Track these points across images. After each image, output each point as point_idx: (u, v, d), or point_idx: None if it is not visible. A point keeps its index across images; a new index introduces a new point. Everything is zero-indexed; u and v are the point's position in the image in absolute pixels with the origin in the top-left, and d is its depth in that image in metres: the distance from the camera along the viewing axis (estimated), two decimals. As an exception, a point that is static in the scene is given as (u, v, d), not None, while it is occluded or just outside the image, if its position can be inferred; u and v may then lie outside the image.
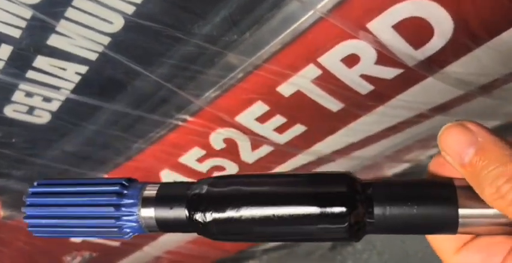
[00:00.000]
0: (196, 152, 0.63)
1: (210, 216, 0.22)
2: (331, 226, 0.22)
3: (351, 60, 0.50)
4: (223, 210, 0.22)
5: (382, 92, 0.55)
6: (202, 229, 0.23)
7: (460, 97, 0.60)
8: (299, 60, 0.51)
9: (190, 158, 0.64)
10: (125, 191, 0.23)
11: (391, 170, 0.94)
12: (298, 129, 0.60)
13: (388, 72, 0.52)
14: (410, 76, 0.53)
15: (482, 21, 0.46)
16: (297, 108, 0.57)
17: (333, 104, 0.57)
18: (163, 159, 0.65)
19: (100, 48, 0.49)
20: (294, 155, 0.66)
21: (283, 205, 0.22)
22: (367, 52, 0.49)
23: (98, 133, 0.60)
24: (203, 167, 0.66)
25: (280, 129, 0.60)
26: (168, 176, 0.67)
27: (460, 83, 0.55)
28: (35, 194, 0.25)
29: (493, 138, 0.21)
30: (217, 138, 0.61)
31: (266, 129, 0.60)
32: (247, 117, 0.58)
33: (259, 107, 0.57)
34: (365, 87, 0.54)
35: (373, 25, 0.46)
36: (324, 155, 0.68)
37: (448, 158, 0.22)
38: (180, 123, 0.59)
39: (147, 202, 0.23)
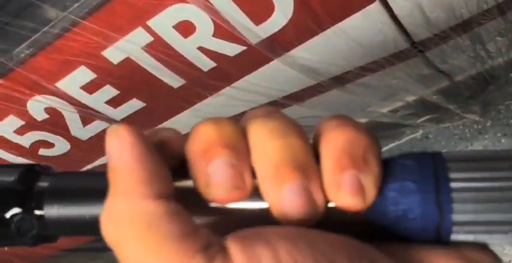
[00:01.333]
0: (13, 121, 0.54)
1: None
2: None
3: (185, 28, 0.44)
4: None
5: (226, 70, 0.50)
6: None
7: (312, 87, 0.57)
8: (125, 21, 0.44)
9: (6, 128, 0.55)
10: None
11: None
12: (136, 104, 0.54)
13: (229, 48, 0.47)
14: (255, 56, 0.49)
15: (323, 2, 0.43)
16: (130, 79, 0.50)
17: (172, 79, 0.50)
18: (-29, 126, 0.54)
19: None
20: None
21: None
22: (202, 21, 0.44)
23: None
24: (25, 141, 0.57)
25: (114, 102, 0.53)
26: (-18, 148, 0.57)
27: (308, 71, 0.52)
28: None
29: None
30: (36, 106, 0.52)
31: (96, 101, 0.52)
32: (71, 84, 0.50)
33: (84, 73, 0.49)
34: (206, 63, 0.49)
35: (207, -11, 0.41)
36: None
37: None
38: (-13, 84, 0.49)
39: None
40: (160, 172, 0.16)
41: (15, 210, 0.18)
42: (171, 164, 0.17)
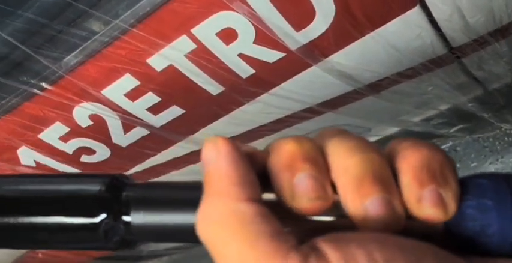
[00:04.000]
0: (58, 128, 0.56)
1: None
2: (85, 236, 0.20)
3: (228, 35, 0.46)
4: None
5: (264, 77, 0.51)
6: None
7: (348, 94, 0.57)
8: (170, 29, 0.46)
9: (52, 135, 0.56)
10: None
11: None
12: (175, 111, 0.55)
13: (269, 55, 0.48)
14: (293, 62, 0.50)
15: (363, 6, 0.44)
16: (172, 86, 0.51)
17: (212, 86, 0.52)
18: (19, 133, 0.56)
19: None
20: (173, 142, 0.61)
21: (34, 213, 0.20)
22: (244, 28, 0.45)
23: None
24: (68, 147, 0.58)
25: (155, 109, 0.54)
26: (27, 155, 0.59)
27: (345, 77, 0.53)
28: None
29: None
30: (82, 113, 0.54)
31: (138, 108, 0.54)
32: (115, 91, 0.52)
33: (128, 81, 0.50)
34: (245, 70, 0.50)
35: (250, -4, 0.42)
36: (209, 146, 0.63)
37: None
38: (37, 91, 0.51)
39: None
40: (251, 178, 0.18)
41: (104, 215, 0.19)
42: None
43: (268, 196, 0.19)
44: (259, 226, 0.17)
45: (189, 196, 0.19)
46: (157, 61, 0.48)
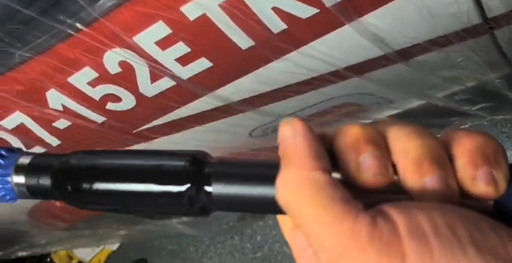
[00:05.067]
0: (88, 72, 0.57)
1: (68, 188, 0.25)
2: (172, 202, 0.23)
3: (264, -14, 0.46)
4: (79, 183, 0.24)
5: (295, 34, 0.51)
6: (64, 198, 0.25)
7: (377, 59, 0.57)
8: (207, -24, 0.46)
9: (81, 79, 0.58)
10: (1, 162, 0.26)
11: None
12: (203, 64, 0.55)
13: (303, 10, 0.48)
14: (327, 20, 0.49)
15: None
16: (202, 37, 0.52)
17: (242, 39, 0.52)
18: (50, 75, 0.58)
19: None
20: (198, 96, 0.62)
21: (131, 182, 0.24)
22: (281, -21, 0.45)
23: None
24: (96, 93, 0.60)
25: (183, 60, 0.55)
26: (56, 97, 0.61)
27: (377, 40, 0.52)
28: None
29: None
30: (112, 59, 0.55)
31: (167, 58, 0.54)
32: (147, 38, 0.52)
33: (161, 29, 0.51)
34: (277, 25, 0.50)
35: None
36: (232, 103, 0.64)
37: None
38: (71, 32, 0.52)
39: (19, 171, 0.26)
40: (322, 153, 0.21)
41: (189, 185, 0.23)
42: None
43: (334, 175, 0.21)
44: (331, 191, 0.20)
45: (263, 171, 0.23)
46: (191, 9, 0.49)
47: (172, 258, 1.61)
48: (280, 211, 0.22)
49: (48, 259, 1.76)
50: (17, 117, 0.64)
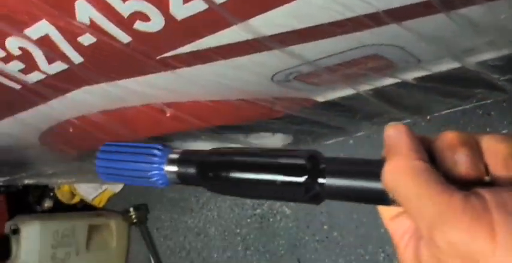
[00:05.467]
0: (122, -16, 0.55)
1: (208, 176, 0.33)
2: (292, 191, 0.30)
3: None
4: (218, 173, 0.33)
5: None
6: (205, 184, 0.34)
7: (419, 5, 0.55)
8: None
9: (113, -10, 0.56)
10: (158, 153, 0.36)
11: (334, 93, 0.90)
12: (240, -12, 0.54)
13: None
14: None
15: None
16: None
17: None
18: (82, -17, 0.56)
19: None
20: (228, 25, 0.60)
21: (258, 173, 0.31)
22: None
23: None
24: (125, 9, 0.58)
25: (221, -20, 0.53)
26: (84, 9, 0.59)
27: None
28: (102, 151, 0.39)
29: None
30: (148, -29, 0.53)
31: (205, -24, 0.53)
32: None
33: None
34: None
35: None
36: (261, 38, 0.62)
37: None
38: None
39: (172, 162, 0.35)
40: (421, 148, 0.27)
41: (306, 177, 0.29)
42: None
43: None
44: (430, 176, 0.25)
45: (368, 167, 0.28)
46: None
47: (173, 206, 1.64)
48: (381, 202, 0.27)
49: (52, 194, 1.80)
50: (42, 27, 0.63)
